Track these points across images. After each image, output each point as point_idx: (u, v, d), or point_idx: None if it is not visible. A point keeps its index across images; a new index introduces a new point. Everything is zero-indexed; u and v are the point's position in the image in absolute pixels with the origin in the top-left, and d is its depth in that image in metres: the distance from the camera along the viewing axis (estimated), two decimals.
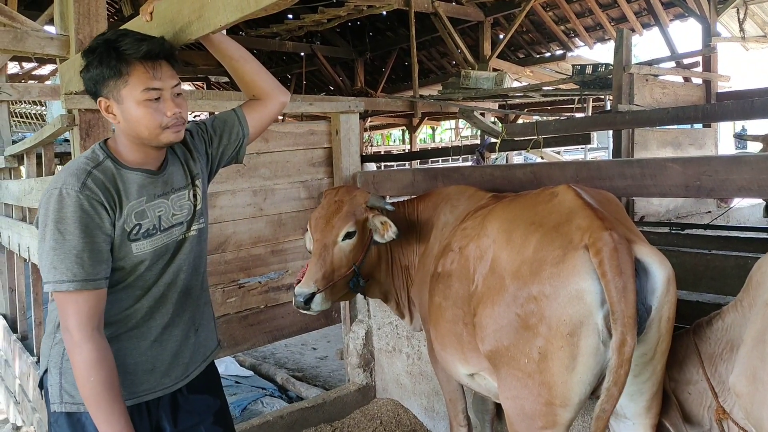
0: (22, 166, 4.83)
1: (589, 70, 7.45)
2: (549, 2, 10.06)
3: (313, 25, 9.75)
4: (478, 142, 8.29)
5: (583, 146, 11.27)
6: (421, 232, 2.58)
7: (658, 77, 6.31)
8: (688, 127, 6.50)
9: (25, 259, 4.41)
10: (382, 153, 17.86)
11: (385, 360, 3.61)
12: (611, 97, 6.08)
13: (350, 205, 2.48)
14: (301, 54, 12.19)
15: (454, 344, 2.07)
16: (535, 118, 8.23)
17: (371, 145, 18.64)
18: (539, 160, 8.56)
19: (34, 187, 3.75)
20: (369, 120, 12.76)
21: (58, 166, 6.23)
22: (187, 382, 1.85)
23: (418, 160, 13.30)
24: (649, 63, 7.32)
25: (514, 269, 1.75)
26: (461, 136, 20.55)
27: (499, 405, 2.57)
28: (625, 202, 5.02)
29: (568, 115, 10.19)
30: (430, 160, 15.72)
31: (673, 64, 7.73)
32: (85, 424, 1.66)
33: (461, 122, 18.21)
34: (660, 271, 1.61)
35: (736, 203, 6.04)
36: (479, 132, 8.50)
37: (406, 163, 12.62)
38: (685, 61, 7.75)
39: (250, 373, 4.85)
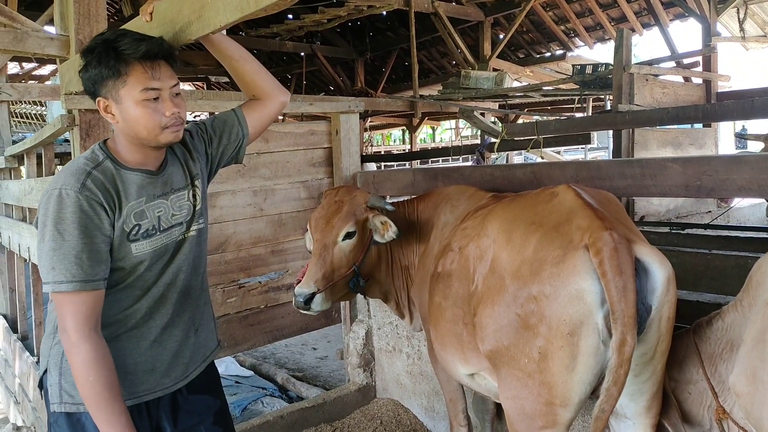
0: (23, 166, 4.83)
1: (589, 70, 7.44)
2: (549, 2, 10.06)
3: (313, 25, 9.75)
4: (478, 142, 8.30)
5: (583, 146, 11.27)
6: (421, 232, 2.58)
7: (658, 77, 6.30)
8: (688, 126, 6.49)
9: (26, 260, 4.41)
10: (382, 153, 17.85)
11: (385, 360, 3.61)
12: (611, 97, 6.08)
13: (350, 205, 2.48)
14: (301, 54, 12.18)
15: (454, 344, 2.07)
16: (535, 118, 8.22)
17: (371, 145, 18.63)
18: (539, 160, 8.55)
19: (34, 188, 3.75)
20: (369, 120, 12.75)
21: (58, 167, 6.23)
22: (187, 382, 1.85)
23: (418, 160, 13.29)
24: (649, 63, 7.32)
25: (514, 269, 1.75)
26: (461, 136, 20.52)
27: (499, 405, 2.57)
28: (625, 202, 5.01)
29: (568, 115, 10.16)
30: (430, 160, 15.71)
31: (673, 64, 7.73)
32: (85, 424, 1.66)
33: (461, 122, 18.20)
34: (660, 270, 1.61)
35: (737, 203, 6.04)
36: (479, 132, 8.51)
37: (406, 163, 12.63)
38: (685, 61, 7.75)
39: (250, 373, 4.85)
